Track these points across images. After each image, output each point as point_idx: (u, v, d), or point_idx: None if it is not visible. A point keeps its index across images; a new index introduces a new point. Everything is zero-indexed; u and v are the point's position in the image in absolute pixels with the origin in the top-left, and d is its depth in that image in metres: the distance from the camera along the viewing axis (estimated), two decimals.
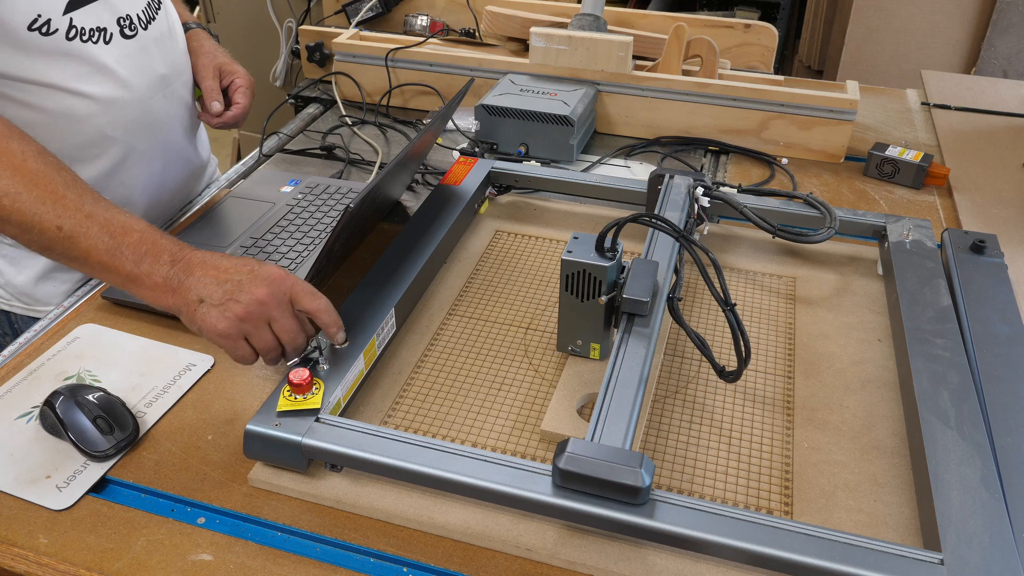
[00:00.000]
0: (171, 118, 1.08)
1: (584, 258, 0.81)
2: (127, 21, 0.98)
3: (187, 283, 0.73)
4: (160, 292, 0.74)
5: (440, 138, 1.38)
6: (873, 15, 2.49)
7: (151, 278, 0.74)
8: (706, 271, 0.79)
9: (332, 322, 0.77)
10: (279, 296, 0.74)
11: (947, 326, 0.86)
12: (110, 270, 0.74)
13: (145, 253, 0.74)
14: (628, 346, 0.79)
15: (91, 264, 0.75)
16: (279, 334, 0.75)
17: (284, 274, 0.75)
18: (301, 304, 0.75)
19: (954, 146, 1.38)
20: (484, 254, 1.07)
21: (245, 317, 0.72)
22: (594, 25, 1.39)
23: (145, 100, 1.02)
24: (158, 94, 1.04)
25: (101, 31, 0.95)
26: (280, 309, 0.74)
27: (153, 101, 1.03)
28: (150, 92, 1.02)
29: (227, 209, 1.15)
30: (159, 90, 1.04)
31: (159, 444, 0.79)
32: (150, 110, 1.03)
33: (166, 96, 1.05)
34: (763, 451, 0.78)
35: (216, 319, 0.72)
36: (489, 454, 0.70)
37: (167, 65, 1.05)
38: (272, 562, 0.68)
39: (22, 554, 0.68)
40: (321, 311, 0.76)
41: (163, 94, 1.05)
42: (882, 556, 0.62)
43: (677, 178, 1.05)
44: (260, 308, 0.73)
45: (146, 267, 0.73)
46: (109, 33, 0.96)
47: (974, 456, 0.71)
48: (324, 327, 0.77)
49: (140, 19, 1.01)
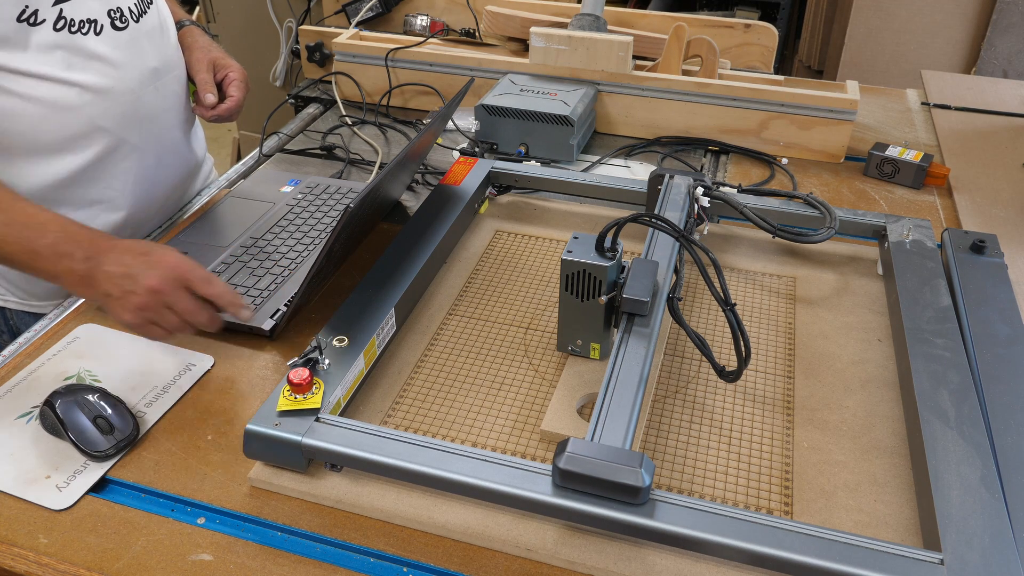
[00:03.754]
0: (164, 112, 1.08)
1: (584, 258, 0.81)
2: (118, 13, 0.99)
3: (97, 278, 0.81)
4: (80, 287, 0.82)
5: (440, 138, 1.38)
6: (873, 15, 2.49)
7: (71, 276, 0.81)
8: (706, 271, 0.79)
9: (230, 303, 0.83)
10: (172, 283, 0.80)
11: (947, 326, 0.86)
12: (35, 270, 0.81)
13: (63, 253, 0.80)
14: (628, 346, 0.79)
15: (17, 265, 0.82)
16: (181, 315, 0.81)
17: (177, 261, 0.82)
18: (197, 290, 0.82)
19: (954, 146, 1.38)
20: (484, 254, 1.07)
21: (143, 306, 0.80)
22: (594, 25, 1.39)
23: (136, 92, 1.02)
24: (150, 87, 1.04)
25: (92, 22, 0.95)
26: (176, 294, 0.80)
27: (145, 94, 1.03)
28: (141, 85, 1.02)
29: (227, 209, 1.15)
30: (151, 83, 1.04)
31: (159, 444, 0.79)
32: (142, 103, 1.03)
33: (158, 89, 1.05)
34: (763, 451, 0.78)
35: (120, 311, 0.80)
36: (489, 454, 0.70)
37: (159, 59, 1.05)
38: (272, 562, 0.68)
39: (22, 554, 0.68)
40: (216, 296, 0.82)
41: (155, 87, 1.05)
42: (882, 556, 0.62)
43: (677, 178, 1.05)
44: (156, 297, 0.80)
45: (64, 266, 0.80)
46: (100, 25, 0.96)
47: (974, 456, 0.71)
48: (226, 309, 0.83)
49: (131, 12, 1.01)
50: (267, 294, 0.97)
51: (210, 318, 0.83)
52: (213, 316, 0.84)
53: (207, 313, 0.83)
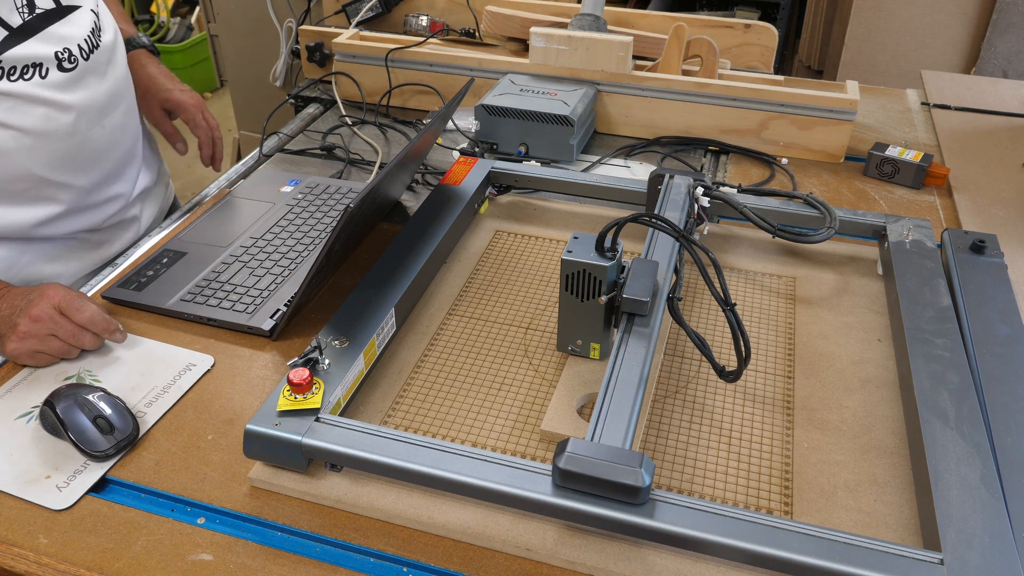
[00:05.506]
0: (110, 148, 1.04)
1: (584, 258, 0.81)
2: (66, 54, 0.95)
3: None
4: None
5: (440, 138, 1.38)
6: (873, 15, 2.49)
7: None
8: (706, 271, 0.79)
9: (102, 328, 0.88)
10: (50, 311, 0.86)
11: (947, 326, 0.86)
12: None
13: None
14: (628, 346, 0.79)
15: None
16: (64, 340, 0.86)
17: (55, 292, 0.87)
18: (71, 317, 0.86)
19: (954, 146, 1.38)
20: (484, 254, 1.07)
21: (25, 334, 0.85)
22: (594, 25, 1.39)
23: (82, 131, 0.98)
24: (96, 126, 1.00)
25: (36, 66, 0.92)
26: (55, 321, 0.86)
27: (91, 132, 1.00)
28: (87, 124, 0.99)
29: (227, 209, 1.15)
30: (96, 121, 1.00)
31: (159, 444, 0.79)
32: (87, 140, 0.99)
33: (104, 126, 1.02)
34: (763, 451, 0.78)
35: (6, 343, 0.86)
36: (489, 454, 0.70)
37: (107, 93, 1.01)
38: (272, 562, 0.68)
39: (22, 554, 0.68)
40: (87, 322, 0.87)
41: (101, 125, 1.01)
42: (882, 556, 0.62)
43: (677, 178, 1.05)
44: (36, 324, 0.85)
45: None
46: (45, 68, 0.93)
47: (974, 456, 0.71)
48: (99, 334, 0.88)
49: (82, 50, 0.97)
50: (267, 294, 0.97)
51: (92, 339, 0.88)
52: (94, 338, 0.88)
53: (88, 336, 0.88)
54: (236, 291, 0.97)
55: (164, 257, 1.04)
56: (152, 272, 1.01)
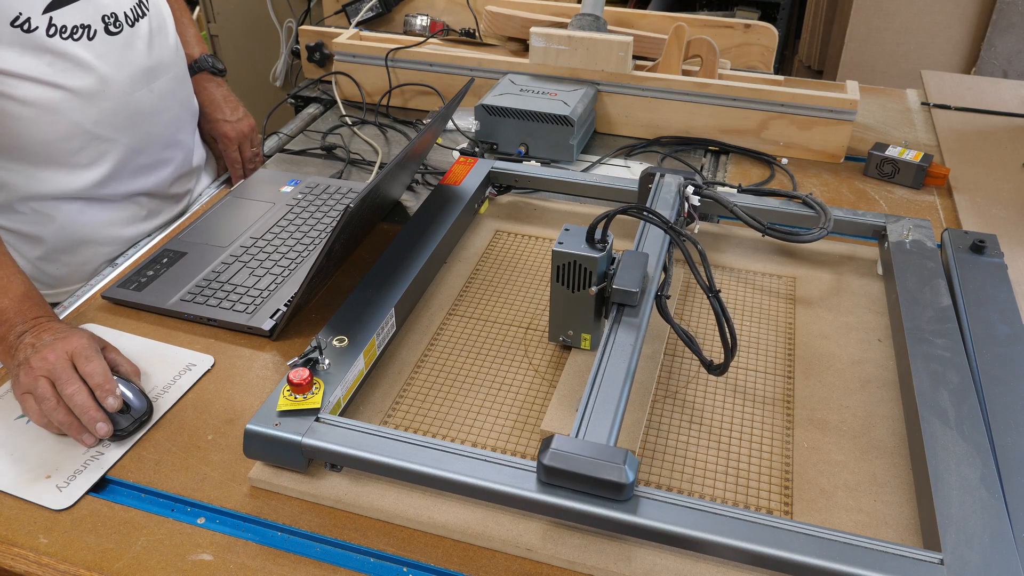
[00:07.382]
0: (159, 112, 1.10)
1: (575, 249, 0.81)
2: (112, 18, 1.02)
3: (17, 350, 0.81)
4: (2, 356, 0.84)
5: (440, 138, 1.38)
6: (873, 15, 2.49)
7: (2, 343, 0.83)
8: (692, 260, 0.79)
9: (97, 385, 0.78)
10: (62, 357, 0.78)
11: (947, 326, 0.86)
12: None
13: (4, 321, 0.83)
14: (616, 337, 0.79)
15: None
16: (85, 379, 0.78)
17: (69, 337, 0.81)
18: (77, 366, 0.79)
19: (954, 146, 1.38)
20: (484, 254, 1.07)
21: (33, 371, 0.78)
22: (594, 25, 1.39)
23: (128, 93, 1.04)
24: (143, 88, 1.06)
25: (85, 28, 0.98)
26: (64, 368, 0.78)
27: (137, 94, 1.06)
28: (132, 86, 1.05)
29: (227, 209, 1.15)
30: (144, 84, 1.06)
31: (159, 444, 0.79)
32: (133, 103, 1.05)
33: (152, 90, 1.08)
34: (763, 451, 0.78)
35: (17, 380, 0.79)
36: (489, 454, 0.70)
37: (154, 59, 1.08)
38: (272, 562, 0.68)
39: (22, 554, 0.68)
40: (87, 375, 0.78)
41: (148, 88, 1.07)
42: (882, 556, 0.62)
43: (668, 177, 1.05)
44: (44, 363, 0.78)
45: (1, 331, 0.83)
46: (93, 30, 0.99)
47: (974, 456, 0.71)
48: (93, 390, 0.78)
49: (127, 17, 1.04)
50: (267, 294, 0.97)
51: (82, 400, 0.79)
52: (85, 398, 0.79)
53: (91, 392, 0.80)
54: (236, 291, 0.97)
55: (164, 257, 1.04)
56: (152, 272, 1.01)
